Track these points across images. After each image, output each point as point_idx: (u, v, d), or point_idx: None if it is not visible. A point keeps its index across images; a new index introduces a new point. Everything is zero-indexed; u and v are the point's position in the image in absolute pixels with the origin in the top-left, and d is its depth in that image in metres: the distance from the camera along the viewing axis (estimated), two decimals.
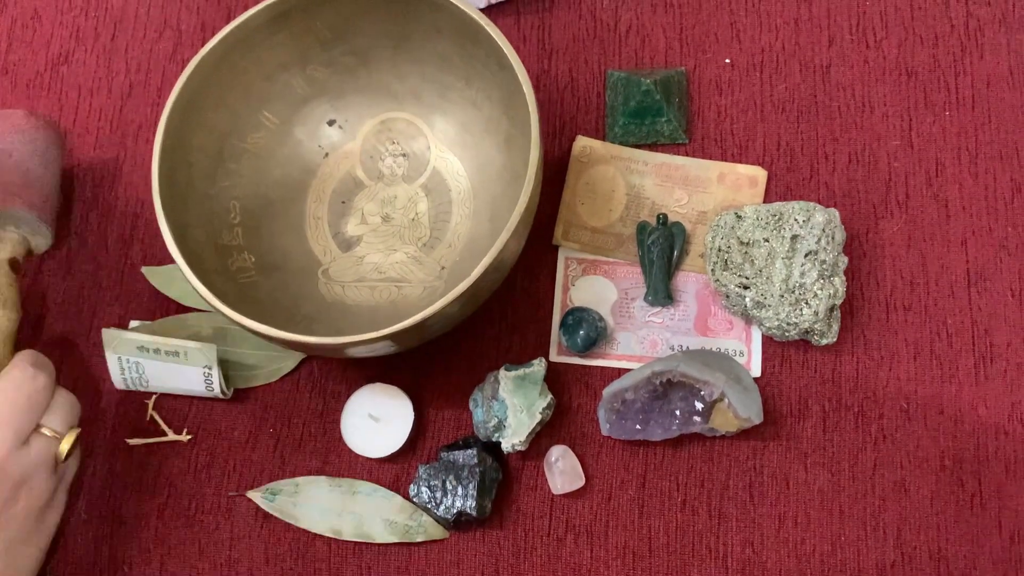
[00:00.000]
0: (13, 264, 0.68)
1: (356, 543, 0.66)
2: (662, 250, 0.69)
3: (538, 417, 0.65)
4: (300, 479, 0.67)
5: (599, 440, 0.67)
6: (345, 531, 0.65)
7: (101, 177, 0.75)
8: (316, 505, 0.66)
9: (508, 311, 0.70)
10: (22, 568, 0.59)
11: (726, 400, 0.63)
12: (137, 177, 0.75)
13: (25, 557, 0.59)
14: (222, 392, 0.67)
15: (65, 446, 0.60)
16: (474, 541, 0.66)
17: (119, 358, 0.66)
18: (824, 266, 0.66)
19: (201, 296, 0.60)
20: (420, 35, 0.68)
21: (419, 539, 0.65)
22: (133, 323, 0.70)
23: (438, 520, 0.65)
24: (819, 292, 0.65)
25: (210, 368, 0.66)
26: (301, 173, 0.72)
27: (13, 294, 0.68)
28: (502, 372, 0.66)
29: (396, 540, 0.65)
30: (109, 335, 0.66)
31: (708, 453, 0.66)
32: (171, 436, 0.68)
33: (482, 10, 0.75)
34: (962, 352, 0.68)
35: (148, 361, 0.66)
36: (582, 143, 0.73)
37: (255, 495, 0.67)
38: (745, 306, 0.66)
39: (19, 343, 0.66)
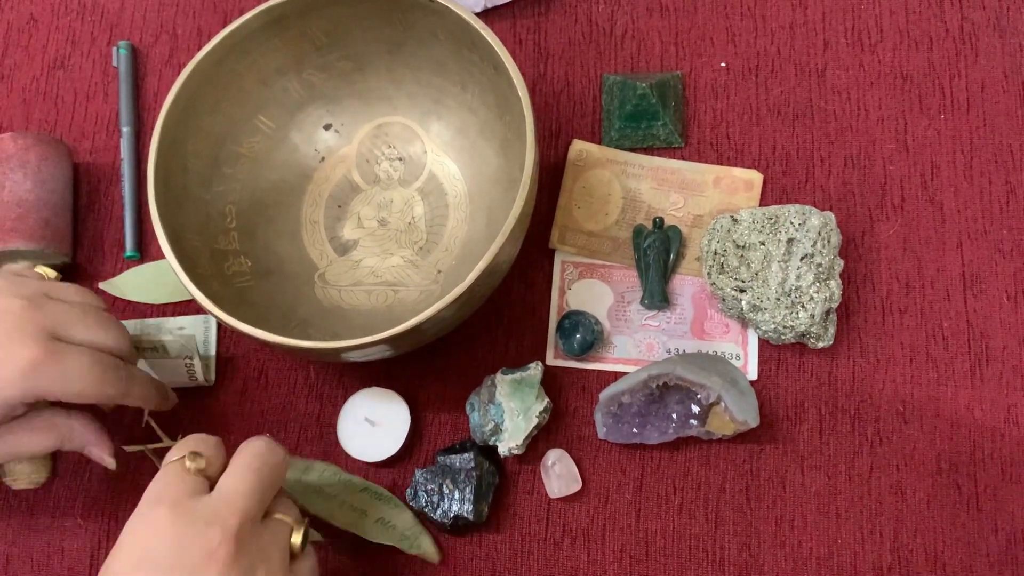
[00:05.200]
0: None
1: (351, 545, 0.65)
2: (658, 254, 0.69)
3: (535, 421, 0.65)
4: None
5: (596, 444, 0.67)
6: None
7: (97, 181, 0.75)
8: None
9: (504, 315, 0.70)
10: None
11: (722, 403, 0.63)
12: None
13: None
14: (205, 380, 0.67)
15: (298, 537, 0.54)
16: (471, 545, 0.66)
17: None
18: (820, 269, 0.66)
19: (197, 300, 0.59)
20: (415, 40, 0.69)
21: (411, 552, 0.64)
22: None
23: (435, 524, 0.65)
24: (815, 295, 0.65)
25: (191, 359, 0.66)
26: (297, 177, 0.72)
27: None
28: (499, 376, 0.66)
29: (390, 543, 0.65)
30: None
31: (705, 456, 0.66)
32: (167, 442, 0.68)
33: (477, 14, 0.75)
34: (958, 355, 0.68)
35: None
36: (578, 147, 0.73)
37: None
38: (741, 309, 0.66)
39: None
